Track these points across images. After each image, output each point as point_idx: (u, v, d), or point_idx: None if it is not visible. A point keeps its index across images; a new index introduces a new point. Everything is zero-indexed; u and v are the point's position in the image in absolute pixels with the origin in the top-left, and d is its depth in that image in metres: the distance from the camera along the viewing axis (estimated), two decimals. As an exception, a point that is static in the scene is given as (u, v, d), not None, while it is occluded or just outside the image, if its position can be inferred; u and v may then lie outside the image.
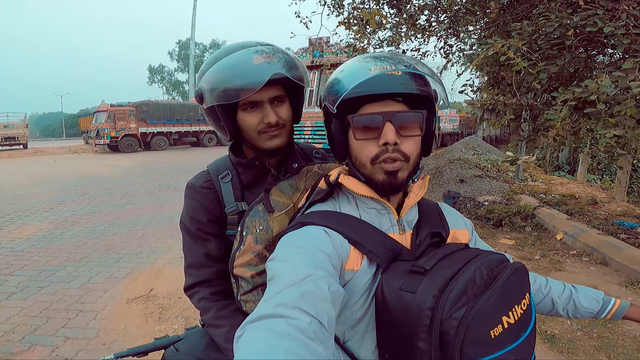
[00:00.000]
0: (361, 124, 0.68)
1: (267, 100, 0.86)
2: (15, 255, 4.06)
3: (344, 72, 0.71)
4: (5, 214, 5.92)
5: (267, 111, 0.86)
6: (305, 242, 0.62)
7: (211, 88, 0.84)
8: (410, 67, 0.68)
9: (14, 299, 3.01)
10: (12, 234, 4.84)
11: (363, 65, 0.69)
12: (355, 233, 0.67)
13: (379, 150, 0.67)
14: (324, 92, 0.75)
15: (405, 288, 0.59)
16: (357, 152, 0.70)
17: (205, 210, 0.91)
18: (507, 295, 0.59)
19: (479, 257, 0.63)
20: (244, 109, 0.87)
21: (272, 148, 0.89)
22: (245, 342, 0.45)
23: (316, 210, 0.72)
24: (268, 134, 0.88)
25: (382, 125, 0.66)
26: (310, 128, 6.26)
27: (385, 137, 0.66)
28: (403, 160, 0.67)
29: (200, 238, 0.92)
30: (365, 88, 0.66)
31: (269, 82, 0.81)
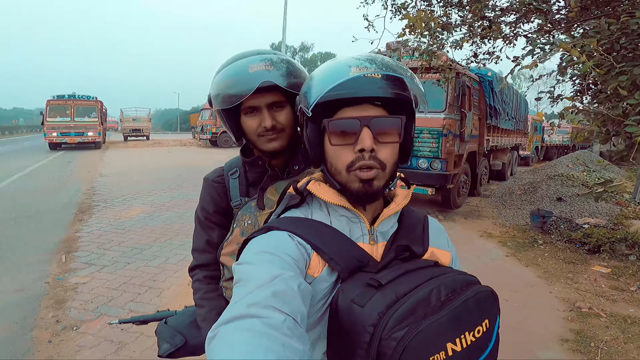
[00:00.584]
0: (337, 129, 0.65)
1: (264, 105, 0.92)
2: (118, 232, 4.87)
3: (321, 73, 0.69)
4: (120, 196, 7.10)
5: (264, 116, 0.93)
6: (271, 246, 0.62)
7: (215, 94, 0.95)
8: (390, 70, 0.66)
9: (103, 271, 3.61)
10: (120, 214, 5.79)
11: (341, 66, 0.67)
12: (320, 239, 0.65)
13: (354, 156, 0.65)
14: (301, 91, 0.73)
15: (356, 301, 0.57)
16: (333, 158, 0.68)
17: (213, 202, 1.03)
18: (458, 320, 0.56)
19: (443, 276, 0.60)
20: (245, 113, 0.95)
21: (270, 150, 0.95)
22: (222, 343, 0.44)
23: (284, 217, 0.72)
24: (266, 137, 0.94)
25: (359, 130, 0.64)
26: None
27: (361, 143, 0.63)
28: (379, 168, 0.65)
29: (206, 226, 1.04)
30: (343, 91, 0.64)
31: (267, 88, 0.88)
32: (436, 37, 3.58)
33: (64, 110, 17.84)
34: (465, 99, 6.04)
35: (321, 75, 0.69)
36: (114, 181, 8.70)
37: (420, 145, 5.88)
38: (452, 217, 6.03)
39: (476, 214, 6.34)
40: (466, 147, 6.48)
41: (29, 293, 3.11)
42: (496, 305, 0.63)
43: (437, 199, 6.76)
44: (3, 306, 2.90)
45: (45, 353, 2.28)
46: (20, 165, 11.93)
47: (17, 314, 2.78)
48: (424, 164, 5.89)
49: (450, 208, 6.50)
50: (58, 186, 8.25)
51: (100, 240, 4.53)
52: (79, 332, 2.50)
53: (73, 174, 10.12)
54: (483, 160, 7.98)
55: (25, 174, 9.98)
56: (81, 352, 2.29)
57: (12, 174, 9.94)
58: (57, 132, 17.40)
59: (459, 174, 6.32)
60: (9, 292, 3.14)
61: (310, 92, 0.68)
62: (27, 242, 4.43)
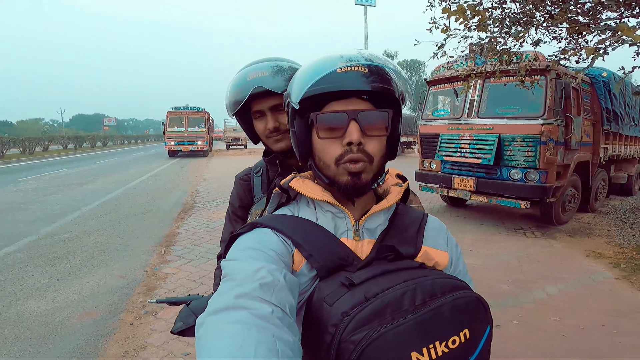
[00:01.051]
0: (325, 123, 0.66)
1: (267, 109, 1.01)
2: (208, 230, 5.43)
3: (307, 67, 0.70)
4: (214, 199, 7.91)
5: (268, 119, 1.01)
6: (255, 242, 0.63)
7: (225, 102, 1.07)
8: (377, 64, 0.67)
9: (190, 265, 4.04)
10: (213, 214, 6.45)
11: (327, 60, 0.68)
12: (301, 236, 0.64)
13: (342, 150, 0.65)
14: (288, 87, 0.74)
15: (326, 299, 0.56)
16: (321, 152, 0.68)
17: (238, 198, 1.13)
18: (428, 328, 0.52)
19: (422, 279, 0.57)
20: (255, 118, 1.05)
21: (278, 150, 1.03)
22: (212, 334, 0.44)
23: (269, 214, 0.73)
24: (273, 138, 1.02)
25: (347, 124, 0.64)
26: (469, 141, 5.68)
27: (349, 137, 0.63)
28: (367, 161, 0.65)
29: (232, 219, 1.14)
30: (330, 84, 0.64)
31: (266, 93, 0.97)
32: (489, 31, 3.18)
33: (179, 120, 20.48)
34: (571, 102, 5.22)
35: (308, 69, 0.69)
36: (213, 185, 9.75)
37: (512, 154, 5.28)
38: (552, 235, 5.25)
39: (585, 232, 5.40)
40: (574, 156, 5.59)
41: (129, 279, 3.67)
42: (483, 314, 0.58)
43: (535, 213, 5.98)
44: (107, 289, 3.46)
45: (124, 334, 2.65)
46: (148, 168, 14.36)
47: (115, 297, 3.29)
48: (517, 175, 5.26)
49: (551, 224, 5.67)
50: (170, 188, 9.58)
51: (194, 236, 5.11)
52: (156, 317, 2.86)
53: (183, 177, 11.65)
54: (599, 171, 6.76)
55: (151, 175, 11.94)
56: (152, 335, 2.61)
57: (142, 175, 12.08)
58: (175, 140, 20.09)
59: (563, 187, 5.48)
60: (114, 277, 3.74)
61: (297, 86, 0.69)
62: (140, 235, 5.25)
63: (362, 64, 0.66)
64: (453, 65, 5.99)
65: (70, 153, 25.49)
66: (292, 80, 0.73)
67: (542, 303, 3.18)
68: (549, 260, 4.21)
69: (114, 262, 4.18)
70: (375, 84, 0.65)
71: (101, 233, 5.33)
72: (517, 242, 4.92)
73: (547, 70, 4.96)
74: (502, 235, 5.24)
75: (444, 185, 6.11)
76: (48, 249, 4.62)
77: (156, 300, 1.27)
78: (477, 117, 5.64)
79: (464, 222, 6.02)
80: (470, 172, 5.74)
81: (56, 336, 2.68)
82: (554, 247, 4.72)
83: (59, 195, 8.43)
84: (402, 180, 0.78)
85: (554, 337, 2.65)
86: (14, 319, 2.93)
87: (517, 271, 3.90)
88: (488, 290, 3.40)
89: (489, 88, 5.65)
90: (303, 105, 0.68)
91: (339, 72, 0.64)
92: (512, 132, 5.25)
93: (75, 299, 3.25)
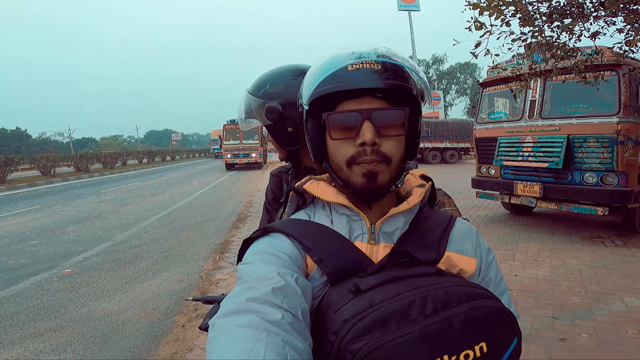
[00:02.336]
0: (337, 123, 0.63)
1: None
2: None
3: (320, 64, 0.67)
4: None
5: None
6: (269, 246, 0.62)
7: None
8: (392, 60, 0.64)
9: (225, 270, 4.22)
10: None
11: (339, 57, 0.65)
12: (312, 240, 0.62)
13: (355, 151, 0.62)
14: (300, 87, 0.72)
15: (332, 305, 0.54)
16: (333, 153, 0.65)
17: (272, 191, 1.20)
18: (434, 340, 0.48)
19: (435, 286, 0.52)
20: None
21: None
22: (221, 338, 0.44)
23: (283, 219, 0.72)
24: None
25: (360, 123, 0.61)
26: (532, 144, 5.23)
27: (362, 137, 0.60)
28: (382, 161, 0.62)
29: (267, 210, 1.20)
30: (341, 82, 0.62)
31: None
32: (536, 25, 2.87)
33: (234, 133, 20.38)
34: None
35: (318, 67, 0.67)
36: (268, 195, 10.07)
37: (584, 155, 4.76)
38: (636, 243, 4.61)
39: (677, 242, 4.67)
40: (658, 156, 4.88)
41: (185, 283, 3.90)
42: (507, 326, 0.52)
43: (616, 220, 5.30)
44: (166, 292, 3.70)
45: (176, 335, 2.80)
46: (209, 180, 15.35)
47: (172, 300, 3.51)
48: (591, 179, 4.72)
49: (635, 232, 4.99)
50: (227, 198, 10.09)
51: (247, 245, 5.31)
52: (206, 321, 2.98)
53: (239, 188, 12.22)
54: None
55: (211, 187, 12.74)
56: (200, 338, 2.73)
57: (203, 187, 12.93)
58: (231, 153, 20.29)
59: (648, 191, 4.80)
60: (173, 281, 4.00)
61: (307, 86, 0.68)
62: (198, 242, 5.57)
63: (374, 60, 0.62)
64: (506, 65, 5.60)
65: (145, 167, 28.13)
66: (304, 79, 0.71)
67: (619, 315, 2.82)
68: (632, 271, 3.70)
69: (174, 267, 4.47)
70: (390, 81, 0.61)
71: (166, 240, 5.76)
72: (594, 251, 4.38)
73: (619, 65, 4.43)
74: (575, 244, 4.71)
75: (504, 192, 5.68)
76: (120, 254, 5.09)
77: (193, 298, 1.34)
78: (540, 117, 5.19)
79: (530, 230, 5.52)
80: (535, 177, 5.28)
81: (118, 335, 2.91)
82: (637, 256, 4.14)
83: (133, 206, 9.30)
84: (425, 181, 0.73)
85: (631, 351, 2.33)
86: (83, 318, 3.24)
87: (592, 282, 3.48)
88: (551, 302, 3.08)
89: (551, 87, 5.18)
90: (315, 105, 0.66)
91: (350, 70, 0.62)
92: (584, 132, 4.75)
93: (138, 301, 3.52)
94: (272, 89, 1.07)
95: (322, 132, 0.68)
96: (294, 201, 0.74)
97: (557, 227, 5.63)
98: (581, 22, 2.87)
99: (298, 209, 0.73)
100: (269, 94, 1.07)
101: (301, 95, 0.70)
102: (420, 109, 0.68)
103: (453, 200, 0.95)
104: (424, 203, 0.71)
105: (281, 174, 1.19)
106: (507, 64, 5.62)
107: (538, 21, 2.87)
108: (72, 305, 3.50)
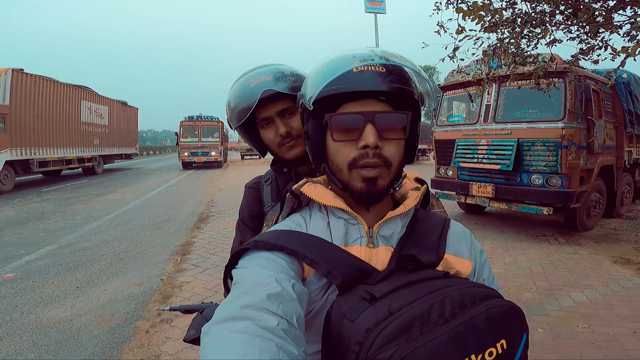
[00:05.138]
0: (340, 125, 0.63)
1: (275, 114, 0.96)
2: (224, 240, 5.44)
3: (322, 66, 0.67)
4: (230, 208, 7.96)
5: (278, 124, 0.96)
6: (265, 253, 0.61)
7: (228, 115, 1.02)
8: (395, 63, 0.64)
9: (205, 273, 4.05)
10: (228, 224, 6.47)
11: (343, 59, 0.65)
12: (316, 254, 0.61)
13: (357, 153, 0.62)
14: (302, 88, 0.72)
15: (347, 315, 0.53)
16: (334, 155, 0.65)
17: (247, 207, 1.10)
18: (462, 340, 0.48)
19: (450, 289, 0.53)
20: (261, 127, 1.00)
21: (293, 158, 0.98)
22: (216, 343, 0.44)
23: (274, 231, 0.68)
24: (286, 146, 0.97)
25: (363, 126, 0.61)
26: (486, 147, 5.56)
27: (365, 140, 0.60)
28: (383, 165, 0.62)
29: (242, 229, 1.10)
30: (345, 85, 0.62)
31: (272, 97, 0.92)
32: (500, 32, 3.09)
33: (193, 130, 19.40)
34: (592, 104, 5.07)
35: (322, 69, 0.67)
36: (229, 195, 9.82)
37: (532, 159, 5.13)
38: (577, 241, 5.06)
39: (612, 238, 5.19)
40: (597, 160, 5.40)
41: (145, 287, 3.69)
42: (519, 322, 0.54)
43: (559, 220, 5.78)
44: (124, 297, 3.48)
45: (140, 341, 2.65)
46: (165, 179, 14.63)
47: (132, 304, 3.31)
48: (538, 180, 5.10)
49: (576, 230, 5.46)
50: (187, 198, 9.71)
51: (209, 245, 5.13)
52: (171, 325, 2.85)
53: (199, 188, 11.80)
54: (624, 175, 6.51)
55: (168, 186, 12.15)
56: (166, 343, 2.60)
57: (159, 186, 12.30)
58: (188, 151, 19.15)
59: (587, 192, 5.29)
60: (131, 285, 3.77)
61: (311, 86, 0.66)
62: (157, 244, 5.30)
63: (379, 63, 0.63)
64: (467, 70, 5.91)
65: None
66: (306, 80, 0.71)
67: (569, 311, 3.06)
68: (575, 267, 4.05)
69: (131, 270, 4.22)
70: (393, 85, 0.62)
71: (119, 242, 5.42)
72: (541, 249, 4.75)
73: (566, 73, 4.83)
74: (524, 242, 5.07)
75: (461, 192, 5.98)
76: (68, 258, 4.71)
77: (170, 308, 1.25)
78: (494, 122, 5.53)
79: (483, 229, 5.86)
80: (488, 178, 5.61)
81: (73, 343, 2.70)
82: (579, 253, 4.54)
83: (80, 205, 8.64)
84: (420, 184, 0.74)
85: (583, 345, 2.53)
86: (32, 325, 2.97)
87: (541, 278, 3.76)
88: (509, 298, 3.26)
89: (505, 92, 5.54)
90: (317, 106, 0.65)
91: (355, 72, 0.62)
92: (532, 136, 5.12)
93: (93, 307, 3.28)
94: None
95: (322, 133, 0.68)
96: (289, 204, 0.74)
97: (507, 226, 6.02)
98: (546, 30, 3.09)
99: (293, 211, 0.73)
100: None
101: (303, 96, 0.69)
102: (420, 113, 0.70)
103: (441, 202, 0.97)
104: (418, 206, 0.73)
105: (258, 186, 1.09)
106: (467, 69, 5.93)
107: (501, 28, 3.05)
108: (18, 312, 3.21)
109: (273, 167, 1.08)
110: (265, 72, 0.97)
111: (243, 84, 0.97)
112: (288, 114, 0.96)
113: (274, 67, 0.99)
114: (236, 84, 1.00)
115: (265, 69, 0.98)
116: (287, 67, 1.01)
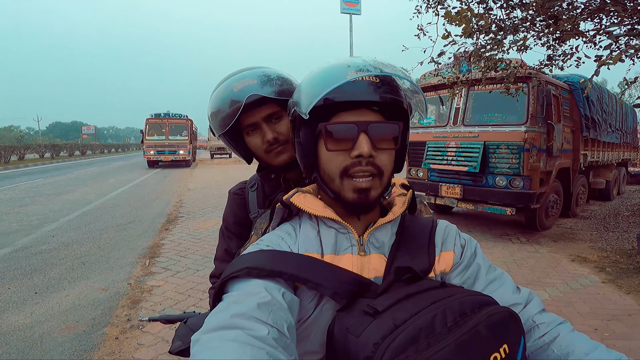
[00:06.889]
0: (333, 134, 0.63)
1: (261, 120, 0.92)
2: (194, 241, 5.29)
3: (317, 75, 0.67)
4: (200, 209, 7.75)
5: (264, 130, 0.93)
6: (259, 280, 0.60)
7: (211, 122, 0.97)
8: (389, 74, 0.64)
9: (176, 276, 3.91)
10: (199, 225, 6.31)
11: (339, 68, 0.65)
12: (320, 277, 0.60)
13: (350, 162, 0.62)
14: (294, 95, 0.71)
15: (351, 330, 0.54)
16: (327, 164, 0.65)
17: (232, 213, 1.06)
18: (468, 349, 0.50)
19: (449, 299, 0.55)
20: (247, 134, 0.96)
21: (281, 164, 0.95)
22: (206, 352, 0.44)
23: (266, 251, 0.64)
24: (274, 152, 0.94)
25: (356, 136, 0.61)
26: (455, 149, 5.76)
27: (359, 149, 0.61)
28: (376, 174, 0.63)
29: (226, 236, 1.07)
30: (340, 94, 0.62)
31: (257, 102, 0.89)
32: (489, 37, 3.25)
33: (160, 128, 18.71)
34: (552, 109, 5.38)
35: (317, 78, 0.66)
36: (199, 195, 9.57)
37: (497, 161, 5.38)
38: (537, 240, 5.35)
39: (569, 237, 5.53)
40: (555, 162, 5.74)
41: (112, 292, 3.52)
42: (517, 327, 0.56)
43: (520, 219, 6.09)
44: (88, 303, 3.30)
45: (110, 348, 2.53)
46: (130, 178, 14.00)
47: (98, 310, 3.14)
48: (501, 182, 5.35)
49: (535, 230, 5.78)
50: (153, 198, 9.35)
51: (179, 248, 4.96)
52: (143, 331, 2.72)
53: (167, 187, 11.40)
54: (579, 177, 6.97)
55: (132, 185, 11.63)
56: (139, 350, 2.49)
57: (123, 185, 11.75)
58: (154, 150, 18.42)
59: (546, 193, 5.61)
60: (95, 290, 3.58)
61: (306, 95, 0.65)
62: (122, 246, 5.06)
63: (373, 74, 0.63)
64: (439, 73, 6.09)
65: (47, 162, 24.67)
66: (299, 88, 0.70)
67: (534, 309, 3.21)
68: (537, 266, 4.28)
69: (95, 274, 4.01)
70: (387, 95, 0.63)
71: (80, 245, 5.13)
72: (504, 248, 4.98)
73: (529, 78, 5.10)
74: (489, 242, 5.30)
75: (431, 193, 6.16)
76: (24, 262, 4.40)
77: (149, 318, 1.19)
78: (463, 125, 5.74)
79: (451, 229, 6.06)
80: (456, 179, 5.81)
81: (37, 350, 2.54)
82: (539, 252, 4.80)
83: (35, 206, 8.10)
84: (406, 190, 0.76)
85: None
86: (-12, 334, 2.75)
87: (506, 277, 3.93)
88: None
89: (473, 96, 5.76)
90: (310, 115, 0.65)
91: (350, 82, 0.62)
92: (497, 139, 5.36)
93: (55, 313, 3.09)
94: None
95: (314, 142, 0.68)
96: (279, 214, 0.74)
97: (473, 226, 6.27)
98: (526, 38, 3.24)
99: (283, 220, 0.73)
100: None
101: (297, 104, 0.68)
102: (409, 123, 0.71)
103: (428, 207, 0.99)
104: (406, 212, 0.74)
105: (243, 192, 1.06)
106: (439, 72, 6.11)
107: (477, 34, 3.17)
108: (-29, 320, 2.95)
109: (259, 173, 1.05)
110: (249, 75, 0.93)
111: (226, 89, 0.92)
112: (274, 119, 0.93)
113: (259, 70, 0.96)
114: (218, 90, 0.95)
115: (248, 73, 0.94)
116: (272, 70, 0.98)
